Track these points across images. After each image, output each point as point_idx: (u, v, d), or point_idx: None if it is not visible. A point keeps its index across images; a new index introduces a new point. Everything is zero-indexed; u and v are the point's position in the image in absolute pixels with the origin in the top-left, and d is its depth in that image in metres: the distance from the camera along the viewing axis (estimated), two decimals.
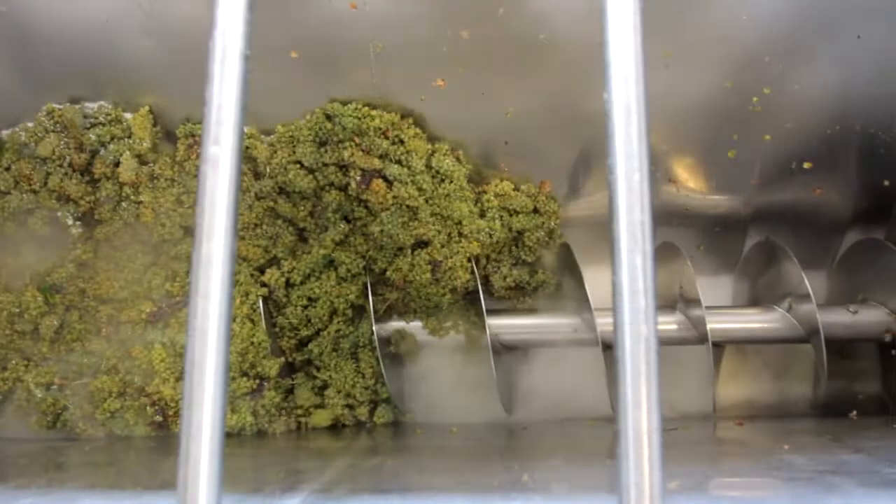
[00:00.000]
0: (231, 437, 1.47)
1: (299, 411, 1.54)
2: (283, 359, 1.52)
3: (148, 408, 1.47)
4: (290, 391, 1.54)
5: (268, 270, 1.51)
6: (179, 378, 1.48)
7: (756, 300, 1.59)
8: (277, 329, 1.54)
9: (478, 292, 1.51)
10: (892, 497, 0.91)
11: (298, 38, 1.35)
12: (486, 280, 1.58)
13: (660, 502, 0.61)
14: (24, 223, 1.52)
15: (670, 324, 1.52)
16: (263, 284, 1.51)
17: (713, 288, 1.64)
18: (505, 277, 1.57)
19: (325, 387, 1.54)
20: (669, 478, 0.61)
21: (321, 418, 1.54)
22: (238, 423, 1.47)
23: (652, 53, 0.71)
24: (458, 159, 1.51)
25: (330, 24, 1.32)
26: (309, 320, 1.52)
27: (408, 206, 1.48)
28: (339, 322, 1.52)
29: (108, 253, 1.54)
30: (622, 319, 0.64)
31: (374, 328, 1.50)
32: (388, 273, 1.50)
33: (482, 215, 1.53)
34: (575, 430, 1.51)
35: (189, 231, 1.53)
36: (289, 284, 1.52)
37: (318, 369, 1.54)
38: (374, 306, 1.51)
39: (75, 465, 1.25)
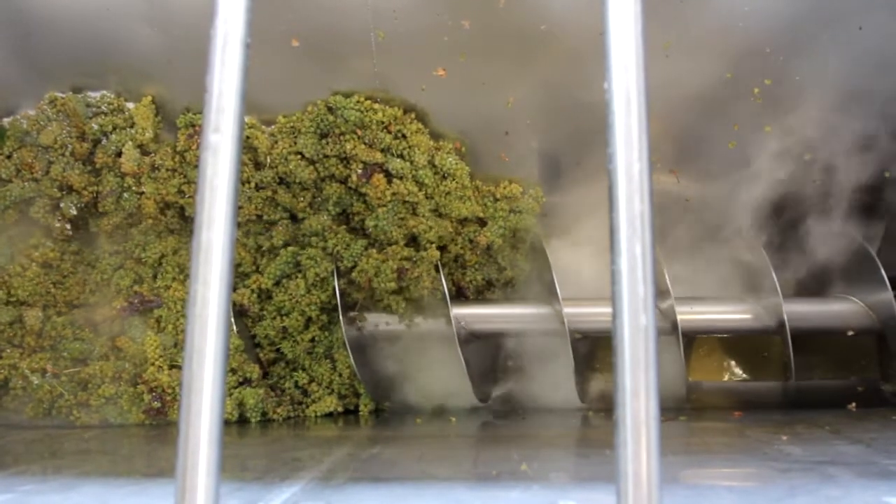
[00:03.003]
0: (230, 426, 1.47)
1: (296, 395, 1.55)
2: (259, 367, 1.54)
3: (145, 394, 1.48)
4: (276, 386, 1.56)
5: (238, 290, 1.52)
6: (172, 366, 1.49)
7: (730, 290, 1.60)
8: (256, 341, 1.55)
9: (444, 286, 1.52)
10: (890, 488, 0.91)
11: (299, 27, 1.35)
12: (454, 281, 1.59)
13: (657, 491, 0.61)
14: (25, 211, 1.52)
15: None
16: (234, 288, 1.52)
17: (688, 277, 1.65)
18: (474, 275, 1.57)
19: (308, 382, 1.57)
20: (666, 467, 0.61)
21: (316, 407, 1.55)
22: (239, 405, 1.49)
23: (652, 44, 0.71)
24: (460, 155, 1.51)
25: (331, 13, 1.32)
26: (285, 331, 1.53)
27: (406, 202, 1.47)
28: (314, 330, 1.54)
29: (75, 255, 1.54)
30: (621, 308, 0.64)
31: (343, 329, 1.50)
32: (353, 274, 1.51)
33: (483, 224, 1.54)
34: (573, 420, 1.51)
35: (162, 235, 1.54)
36: (261, 297, 1.53)
37: (295, 370, 1.56)
38: (344, 309, 1.52)
39: (73, 453, 1.26)
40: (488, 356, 1.64)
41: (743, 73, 1.38)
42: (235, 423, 1.50)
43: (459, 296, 1.59)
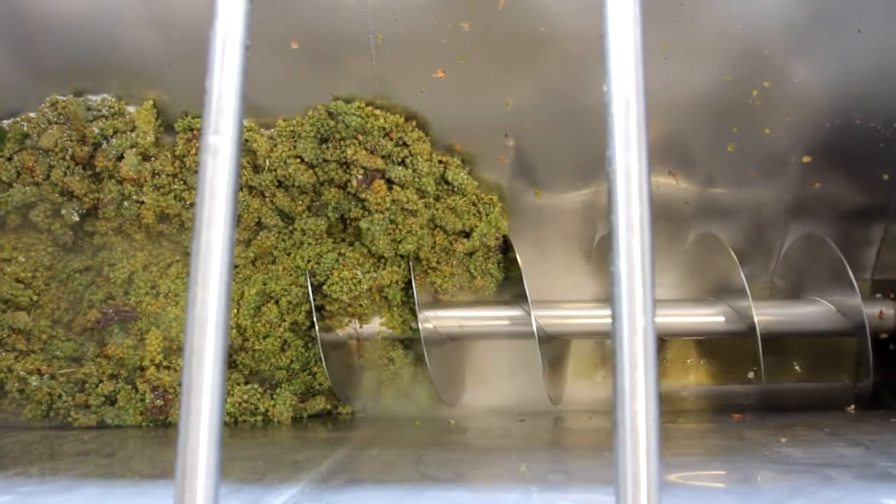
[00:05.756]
0: (228, 427, 1.48)
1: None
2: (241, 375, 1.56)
3: (147, 393, 1.48)
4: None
5: None
6: (169, 367, 1.50)
7: (702, 293, 1.61)
8: (238, 367, 1.57)
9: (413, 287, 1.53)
10: (888, 490, 0.91)
11: (299, 29, 1.35)
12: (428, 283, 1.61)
13: (656, 493, 0.61)
14: (27, 215, 1.52)
15: (609, 318, 1.52)
16: None
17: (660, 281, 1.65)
18: (444, 281, 1.58)
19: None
20: (666, 469, 0.61)
21: (306, 405, 1.58)
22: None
23: (651, 46, 0.71)
24: (464, 162, 1.51)
25: (331, 15, 1.32)
26: (262, 354, 1.55)
27: (405, 209, 1.48)
28: (290, 352, 1.56)
29: (47, 270, 1.55)
30: (620, 310, 0.64)
31: (319, 345, 1.51)
32: (325, 288, 1.52)
33: (465, 235, 1.55)
34: (571, 423, 1.51)
35: (130, 251, 1.55)
36: (241, 332, 1.54)
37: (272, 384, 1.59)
38: (320, 321, 1.54)
39: (72, 455, 1.26)
40: (457, 359, 1.65)
41: (742, 76, 1.38)
42: (234, 425, 1.50)
43: (433, 300, 1.60)
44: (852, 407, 1.50)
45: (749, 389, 1.58)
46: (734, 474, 1.04)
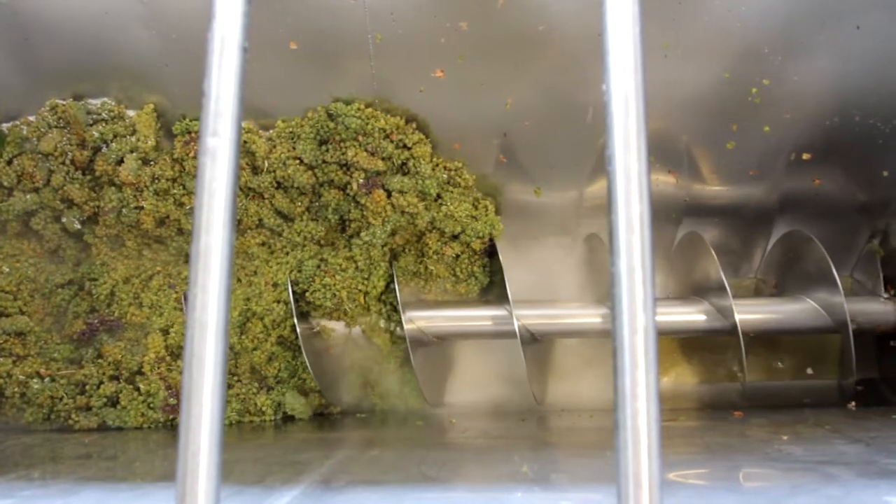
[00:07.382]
0: (229, 429, 1.48)
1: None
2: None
3: (161, 391, 1.49)
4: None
5: None
6: (170, 370, 1.51)
7: (685, 291, 1.61)
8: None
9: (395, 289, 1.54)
10: (890, 487, 0.91)
11: (297, 30, 1.35)
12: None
13: (658, 492, 0.61)
14: (27, 222, 1.51)
15: (594, 317, 1.53)
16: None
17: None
18: (430, 283, 1.58)
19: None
20: (667, 467, 0.61)
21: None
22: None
23: (651, 44, 0.71)
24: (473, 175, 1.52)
25: (329, 16, 1.32)
26: (251, 365, 1.55)
27: (405, 213, 1.48)
28: (276, 363, 1.56)
29: (31, 282, 1.55)
30: (621, 309, 0.64)
31: (305, 355, 1.51)
32: (307, 295, 1.53)
33: (455, 238, 1.55)
34: (573, 422, 1.51)
35: (110, 262, 1.55)
36: (232, 349, 1.55)
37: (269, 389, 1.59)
38: (303, 327, 1.55)
39: (73, 458, 1.26)
40: (443, 360, 1.65)
41: (741, 74, 1.38)
42: (235, 427, 1.50)
43: (417, 301, 1.61)
44: (853, 404, 1.50)
45: (744, 387, 1.58)
46: (735, 472, 1.04)
